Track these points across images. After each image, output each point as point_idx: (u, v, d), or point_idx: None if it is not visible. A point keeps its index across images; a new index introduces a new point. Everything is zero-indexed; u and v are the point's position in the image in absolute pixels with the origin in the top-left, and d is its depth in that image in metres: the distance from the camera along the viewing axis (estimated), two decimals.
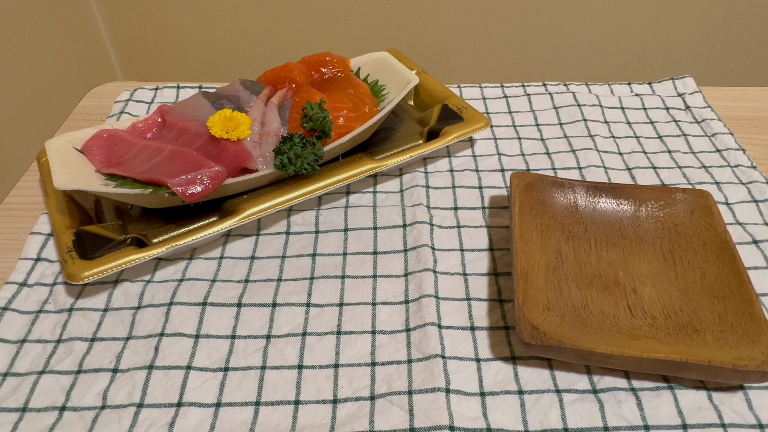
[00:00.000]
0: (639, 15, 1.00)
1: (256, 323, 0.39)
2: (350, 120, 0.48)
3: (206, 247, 0.44)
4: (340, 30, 1.03)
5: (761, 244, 0.43)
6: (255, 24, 1.02)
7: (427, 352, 0.36)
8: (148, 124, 0.48)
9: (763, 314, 0.35)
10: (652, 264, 0.41)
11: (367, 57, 0.56)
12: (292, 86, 0.51)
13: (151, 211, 0.45)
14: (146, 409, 0.34)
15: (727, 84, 0.63)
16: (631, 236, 0.43)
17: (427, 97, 0.57)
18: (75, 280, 0.38)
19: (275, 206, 0.44)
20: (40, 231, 0.45)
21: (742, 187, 0.48)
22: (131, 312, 0.40)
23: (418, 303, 0.39)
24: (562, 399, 0.34)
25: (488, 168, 0.51)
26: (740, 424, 0.33)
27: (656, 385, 0.35)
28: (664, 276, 0.40)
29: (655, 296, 0.39)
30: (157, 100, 0.60)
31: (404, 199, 0.48)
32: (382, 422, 0.33)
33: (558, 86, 0.61)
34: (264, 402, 0.34)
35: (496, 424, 0.33)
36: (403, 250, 0.44)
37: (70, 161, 0.44)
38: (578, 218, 0.44)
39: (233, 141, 0.43)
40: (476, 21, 1.01)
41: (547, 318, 0.36)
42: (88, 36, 1.00)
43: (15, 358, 0.37)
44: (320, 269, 0.42)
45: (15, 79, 0.81)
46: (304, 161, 0.43)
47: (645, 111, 0.58)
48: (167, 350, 0.37)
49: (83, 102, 0.62)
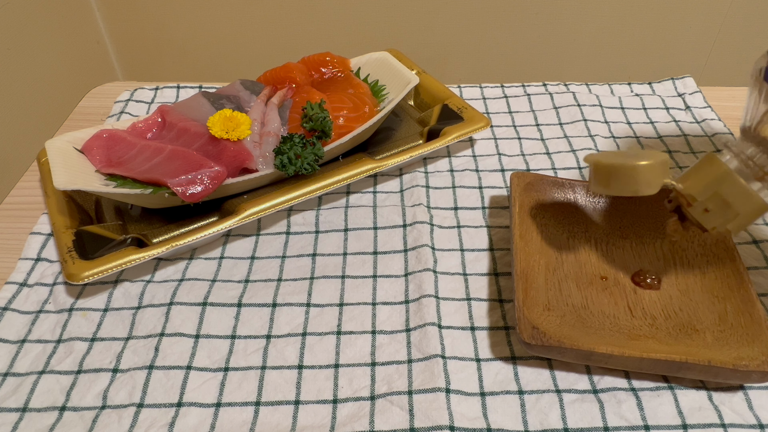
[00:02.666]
0: (639, 15, 1.00)
1: (256, 323, 0.39)
2: (350, 120, 0.48)
3: (206, 247, 0.44)
4: (340, 30, 1.02)
5: (761, 244, 0.43)
6: (255, 24, 1.02)
7: (427, 352, 0.36)
8: (148, 124, 0.48)
9: (763, 314, 0.35)
10: (653, 264, 0.41)
11: (367, 57, 0.56)
12: (292, 86, 0.51)
13: (151, 211, 0.45)
14: (146, 409, 0.34)
15: (727, 84, 0.63)
16: (631, 236, 0.43)
17: (427, 97, 0.57)
18: (75, 280, 0.38)
19: (275, 206, 0.44)
20: (40, 231, 0.45)
21: None
22: (131, 312, 0.40)
23: (418, 303, 0.39)
24: (562, 399, 0.34)
25: (488, 168, 0.51)
26: (740, 424, 0.33)
27: (656, 385, 0.35)
28: (664, 276, 0.40)
29: (655, 296, 0.39)
30: (157, 100, 0.60)
31: (404, 199, 0.48)
32: (382, 422, 0.33)
33: (558, 86, 0.61)
34: (264, 402, 0.34)
35: (496, 424, 0.33)
36: (403, 250, 0.44)
37: (70, 161, 0.44)
38: (578, 218, 0.44)
39: (233, 141, 0.43)
40: (476, 21, 1.01)
41: (547, 318, 0.36)
42: (88, 36, 1.00)
43: (15, 358, 0.37)
44: (320, 269, 0.42)
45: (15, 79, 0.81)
46: (304, 161, 0.43)
47: (645, 111, 0.58)
48: (167, 350, 0.37)
49: (83, 102, 0.62)
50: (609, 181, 0.36)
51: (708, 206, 0.35)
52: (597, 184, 0.36)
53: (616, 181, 0.35)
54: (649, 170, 0.34)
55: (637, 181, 0.34)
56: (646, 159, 0.34)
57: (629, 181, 0.35)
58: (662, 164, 0.35)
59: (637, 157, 0.35)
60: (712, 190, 0.34)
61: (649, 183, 0.34)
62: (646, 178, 0.34)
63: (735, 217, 0.34)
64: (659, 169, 0.34)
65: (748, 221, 0.34)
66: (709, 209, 0.35)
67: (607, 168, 0.36)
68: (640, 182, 0.34)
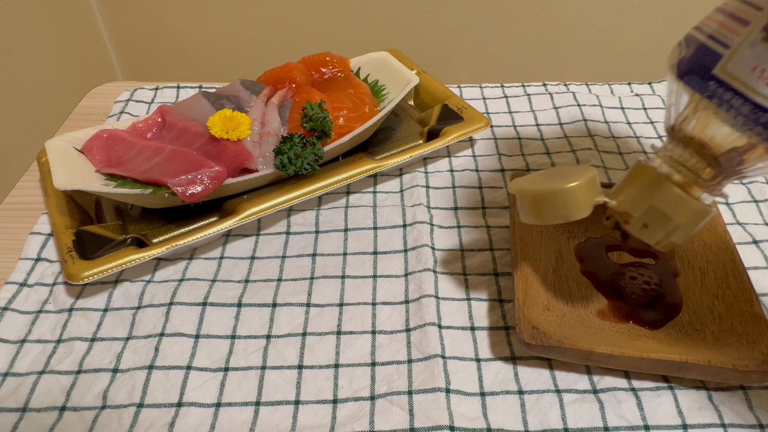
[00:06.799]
0: (639, 15, 1.00)
1: (256, 323, 0.39)
2: (350, 120, 0.48)
3: (206, 247, 0.44)
4: (340, 30, 1.02)
5: (761, 244, 0.43)
6: (255, 24, 1.02)
7: (427, 352, 0.36)
8: (148, 124, 0.48)
9: (763, 314, 0.35)
10: (653, 264, 0.41)
11: (367, 57, 0.56)
12: (292, 86, 0.51)
13: (151, 211, 0.45)
14: (146, 409, 0.34)
15: None
16: (631, 236, 0.43)
17: (427, 97, 0.57)
18: (75, 280, 0.38)
19: (275, 206, 0.44)
20: (40, 231, 0.45)
21: (742, 187, 0.48)
22: (131, 312, 0.40)
23: (418, 303, 0.39)
24: (562, 399, 0.34)
25: (488, 168, 0.51)
26: (740, 424, 0.33)
27: (656, 385, 0.35)
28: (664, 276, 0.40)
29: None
30: (157, 100, 0.60)
31: (404, 199, 0.48)
32: (382, 422, 0.33)
33: (558, 86, 0.61)
34: (264, 402, 0.34)
35: (496, 424, 0.33)
36: (403, 250, 0.44)
37: (70, 161, 0.44)
38: None
39: (233, 141, 0.43)
40: (476, 21, 1.01)
41: (547, 318, 0.36)
42: (88, 36, 1.00)
43: (15, 358, 0.37)
44: (320, 269, 0.42)
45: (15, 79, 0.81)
46: (304, 161, 0.43)
47: (645, 111, 0.58)
48: (167, 350, 0.37)
49: (83, 102, 0.62)
50: (537, 209, 0.32)
51: (646, 221, 0.32)
52: (526, 215, 0.33)
53: (545, 207, 0.32)
54: (577, 192, 0.31)
55: (566, 206, 0.31)
56: (572, 180, 0.31)
57: (557, 207, 0.31)
58: (590, 182, 0.31)
59: (563, 177, 0.32)
60: (647, 204, 0.31)
61: (579, 206, 0.31)
62: (576, 201, 0.31)
63: (677, 229, 0.31)
64: (587, 187, 0.31)
65: (692, 230, 0.31)
66: (648, 224, 0.32)
67: (533, 196, 0.32)
68: (569, 206, 0.31)
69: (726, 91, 0.28)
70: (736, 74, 0.27)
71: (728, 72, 0.27)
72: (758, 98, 0.27)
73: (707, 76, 0.28)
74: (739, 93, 0.27)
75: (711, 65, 0.28)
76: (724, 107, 0.28)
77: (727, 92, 0.28)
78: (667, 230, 0.31)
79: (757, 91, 0.27)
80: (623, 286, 0.39)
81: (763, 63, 0.26)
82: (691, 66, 0.29)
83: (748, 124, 0.27)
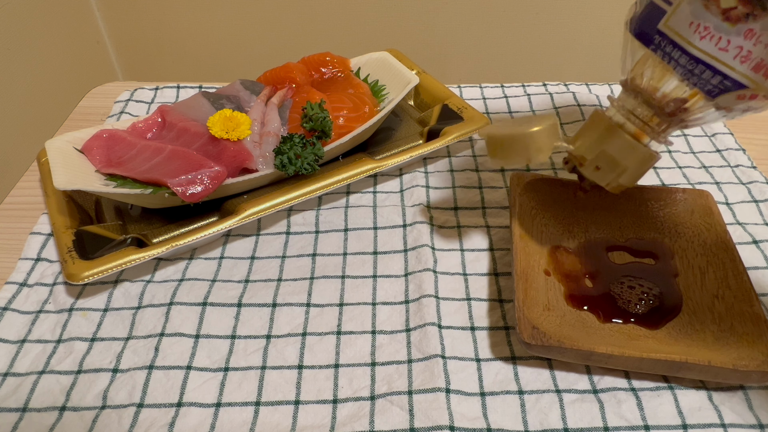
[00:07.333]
0: None
1: (256, 323, 0.39)
2: (350, 120, 0.48)
3: (206, 247, 0.44)
4: (340, 30, 1.02)
5: (761, 244, 0.43)
6: (255, 24, 1.02)
7: (427, 352, 0.36)
8: (148, 124, 0.48)
9: (763, 314, 0.35)
10: (653, 264, 0.41)
11: (367, 57, 0.56)
12: (292, 86, 0.51)
13: (151, 211, 0.45)
14: (146, 409, 0.34)
15: None
16: (631, 236, 0.43)
17: (427, 97, 0.57)
18: (75, 280, 0.38)
19: (275, 206, 0.44)
20: (40, 231, 0.45)
21: (742, 187, 0.48)
22: (131, 312, 0.40)
23: (418, 303, 0.39)
24: (562, 399, 0.34)
25: (488, 168, 0.51)
26: (740, 424, 0.33)
27: (656, 385, 0.35)
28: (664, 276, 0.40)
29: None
30: (157, 100, 0.60)
31: (404, 199, 0.48)
32: (382, 422, 0.33)
33: (558, 86, 0.61)
34: (264, 402, 0.34)
35: (496, 424, 0.33)
36: (403, 250, 0.44)
37: (70, 161, 0.44)
38: (578, 218, 0.44)
39: (233, 141, 0.43)
40: (476, 21, 1.01)
41: (547, 318, 0.36)
42: (88, 36, 1.00)
43: (15, 358, 0.37)
44: (320, 269, 0.42)
45: (15, 79, 0.81)
46: (304, 161, 0.43)
47: None
48: (167, 350, 0.37)
49: (83, 102, 0.62)
50: (503, 151, 0.36)
51: (598, 164, 0.35)
52: (493, 157, 0.37)
53: (509, 150, 0.35)
54: (537, 136, 0.34)
55: (528, 148, 0.35)
56: (535, 125, 0.35)
57: (520, 149, 0.35)
58: (551, 128, 0.35)
59: (528, 123, 0.36)
60: (599, 148, 0.35)
61: (539, 149, 0.35)
62: (537, 145, 0.34)
63: (624, 172, 0.35)
64: (547, 133, 0.35)
65: (639, 173, 0.35)
66: (600, 167, 0.35)
67: (499, 139, 0.36)
68: (530, 149, 0.35)
69: (668, 44, 0.31)
70: (676, 29, 0.31)
71: (670, 27, 0.31)
72: (694, 51, 0.30)
73: (654, 31, 0.32)
74: (678, 46, 0.31)
75: (657, 21, 0.31)
76: (666, 59, 0.31)
77: (669, 45, 0.31)
78: (616, 173, 0.35)
79: (693, 44, 0.30)
80: (619, 295, 0.38)
81: (699, 19, 0.30)
82: (641, 21, 0.33)
83: (686, 74, 0.31)
